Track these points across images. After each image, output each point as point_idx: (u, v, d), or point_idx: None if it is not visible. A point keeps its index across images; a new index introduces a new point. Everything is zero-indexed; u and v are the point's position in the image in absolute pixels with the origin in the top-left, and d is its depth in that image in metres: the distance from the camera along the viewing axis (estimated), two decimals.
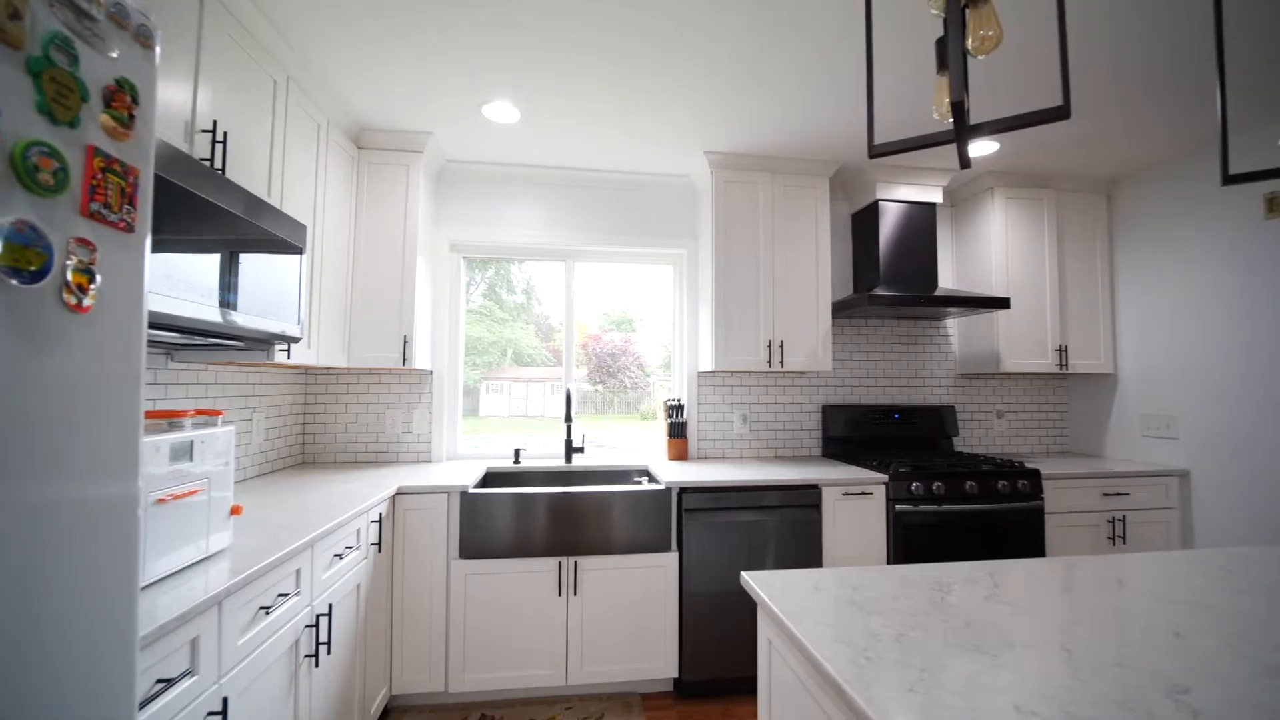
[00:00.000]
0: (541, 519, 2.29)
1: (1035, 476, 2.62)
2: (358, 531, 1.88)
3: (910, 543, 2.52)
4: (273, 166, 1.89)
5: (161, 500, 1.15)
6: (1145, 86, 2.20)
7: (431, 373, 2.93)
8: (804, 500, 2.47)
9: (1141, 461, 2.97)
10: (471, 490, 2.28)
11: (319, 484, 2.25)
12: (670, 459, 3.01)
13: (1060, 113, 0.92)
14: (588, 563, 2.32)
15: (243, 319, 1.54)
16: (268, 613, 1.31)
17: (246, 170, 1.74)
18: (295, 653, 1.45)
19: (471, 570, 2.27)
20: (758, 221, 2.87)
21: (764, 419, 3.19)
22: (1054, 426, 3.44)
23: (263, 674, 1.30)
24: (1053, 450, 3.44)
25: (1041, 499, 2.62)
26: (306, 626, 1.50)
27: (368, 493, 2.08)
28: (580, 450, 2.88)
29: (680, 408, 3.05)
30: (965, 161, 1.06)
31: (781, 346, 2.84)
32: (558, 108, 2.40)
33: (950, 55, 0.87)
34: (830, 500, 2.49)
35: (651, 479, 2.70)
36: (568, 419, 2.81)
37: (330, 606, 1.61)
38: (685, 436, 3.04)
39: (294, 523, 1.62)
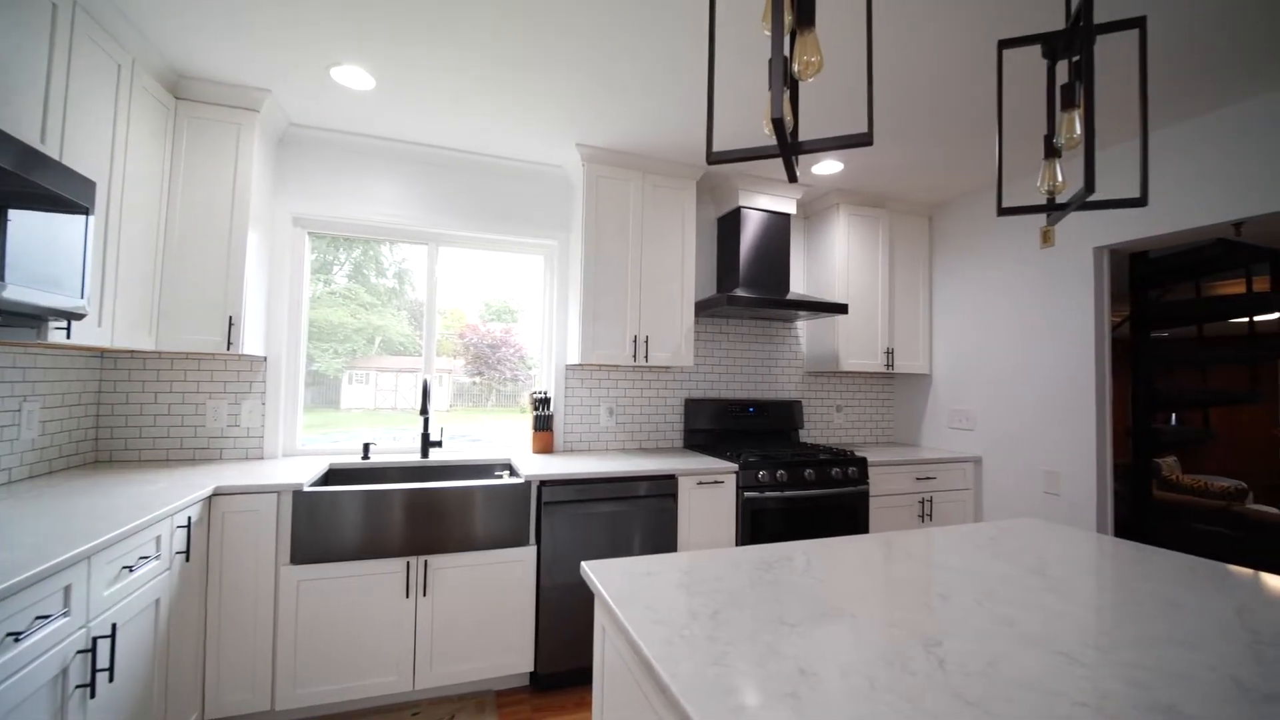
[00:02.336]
0: (388, 518, 2.16)
1: (862, 464, 2.95)
2: (158, 539, 1.64)
3: (757, 526, 2.72)
4: (49, 108, 1.58)
5: None
6: (953, 129, 2.54)
7: (266, 359, 2.63)
8: (662, 490, 2.56)
9: (947, 450, 3.45)
10: (307, 489, 2.09)
11: (113, 485, 1.93)
12: (535, 452, 2.98)
13: (865, 139, 1.03)
14: (440, 561, 2.22)
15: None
16: (19, 640, 1.10)
17: (10, 110, 1.44)
18: (62, 684, 1.23)
19: (306, 576, 2.08)
20: (628, 218, 2.92)
21: (630, 412, 3.26)
22: (882, 419, 3.89)
23: (11, 713, 1.09)
24: (881, 441, 3.88)
25: (867, 484, 2.95)
26: (79, 652, 1.28)
27: (176, 494, 1.82)
28: (438, 444, 2.75)
29: (547, 400, 3.02)
30: (791, 175, 1.15)
31: (647, 341, 2.92)
32: (419, 83, 2.25)
33: (772, 74, 0.94)
34: (686, 489, 2.61)
35: (513, 473, 2.65)
36: (423, 412, 2.67)
37: (114, 627, 1.39)
38: (551, 429, 3.02)
39: (69, 531, 1.37)
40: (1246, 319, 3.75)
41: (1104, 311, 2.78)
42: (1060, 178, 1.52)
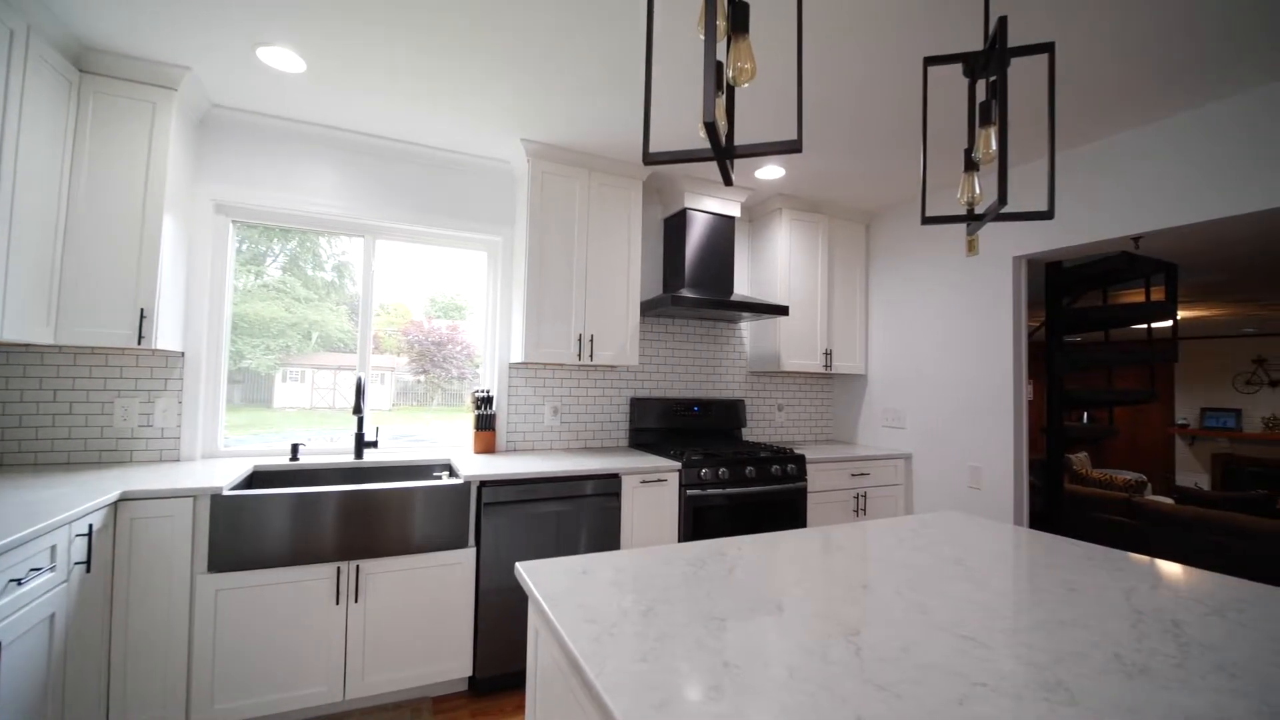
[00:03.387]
0: (316, 522, 2.06)
1: (801, 461, 3.04)
2: (53, 549, 1.51)
3: (699, 523, 2.76)
4: None
5: None
6: (888, 141, 2.65)
7: (184, 354, 2.47)
8: (605, 489, 2.56)
9: (880, 447, 3.60)
10: (228, 493, 1.97)
11: (1, 491, 1.77)
12: (477, 452, 2.92)
13: (794, 146, 1.06)
14: (372, 566, 2.15)
15: None
16: None
17: None
18: None
19: (225, 585, 1.96)
20: (573, 216, 2.90)
21: (575, 411, 3.24)
22: (821, 418, 4.03)
23: None
24: (819, 439, 4.01)
25: (805, 480, 3.04)
26: None
27: (76, 499, 1.69)
28: (373, 445, 2.66)
29: (489, 399, 2.97)
30: (726, 179, 1.17)
31: (592, 340, 2.91)
32: (353, 69, 2.16)
33: (705, 78, 0.96)
34: (629, 488, 2.62)
35: (453, 473, 2.59)
36: (357, 411, 2.57)
37: None
38: (494, 429, 2.97)
39: None
40: (1146, 325, 4.08)
41: (1022, 317, 2.97)
42: (978, 190, 1.61)
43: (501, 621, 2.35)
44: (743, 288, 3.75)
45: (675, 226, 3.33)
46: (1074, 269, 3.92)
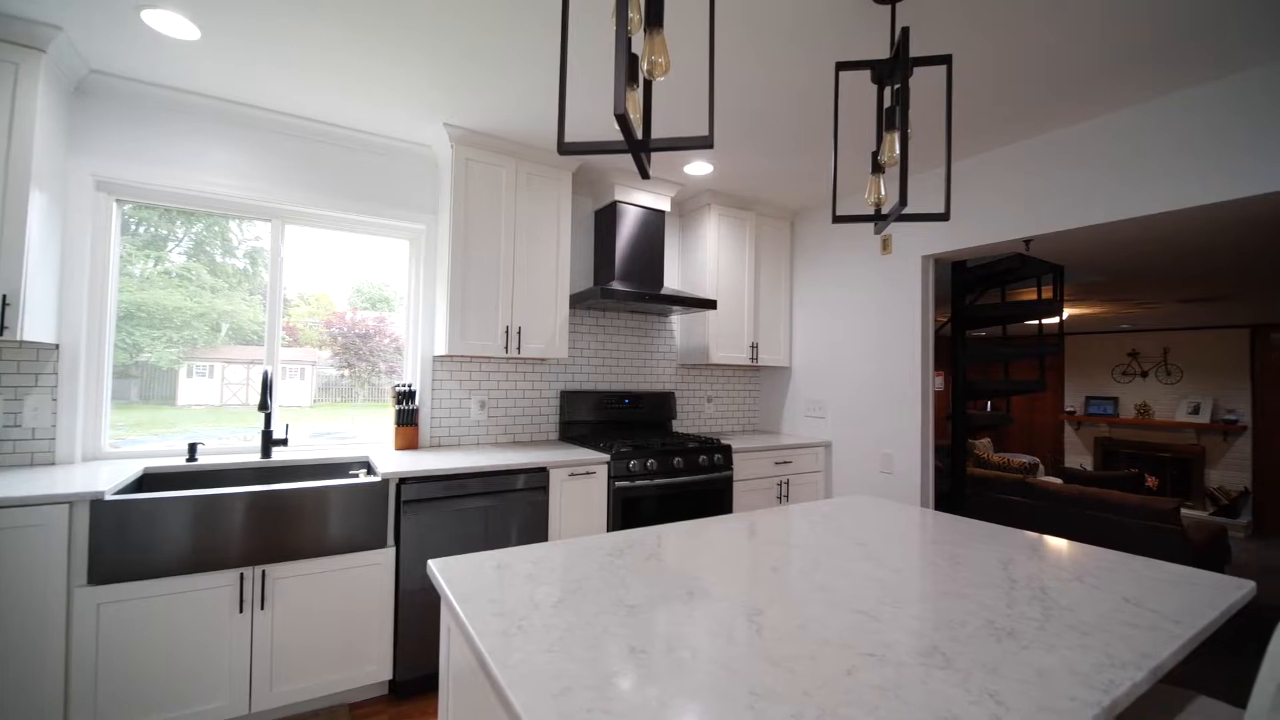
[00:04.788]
0: (214, 526, 1.93)
1: (727, 451, 3.12)
2: None
3: (628, 514, 2.78)
4: None
5: None
6: (809, 142, 2.75)
7: (58, 347, 2.23)
8: (533, 483, 2.54)
9: (802, 436, 3.76)
10: (110, 498, 1.81)
11: None
12: (398, 448, 2.81)
13: (706, 141, 1.08)
14: (281, 570, 2.03)
15: None
16: None
17: None
18: None
19: (109, 598, 1.80)
20: (500, 205, 2.84)
21: (503, 405, 3.18)
22: (748, 409, 4.15)
23: None
24: (747, 429, 4.14)
25: (731, 469, 3.13)
26: None
27: None
28: (283, 443, 2.50)
29: (411, 394, 2.86)
30: (643, 172, 1.18)
31: (520, 332, 2.87)
32: (256, 40, 2.01)
33: (615, 70, 0.96)
34: (557, 481, 2.60)
35: (371, 471, 2.49)
36: (263, 407, 2.41)
37: None
38: (416, 424, 2.87)
39: None
40: (1037, 321, 4.46)
41: (930, 312, 3.17)
42: (884, 191, 1.70)
43: (424, 622, 2.29)
44: (673, 281, 3.80)
45: (606, 219, 3.33)
46: (975, 269, 4.22)
